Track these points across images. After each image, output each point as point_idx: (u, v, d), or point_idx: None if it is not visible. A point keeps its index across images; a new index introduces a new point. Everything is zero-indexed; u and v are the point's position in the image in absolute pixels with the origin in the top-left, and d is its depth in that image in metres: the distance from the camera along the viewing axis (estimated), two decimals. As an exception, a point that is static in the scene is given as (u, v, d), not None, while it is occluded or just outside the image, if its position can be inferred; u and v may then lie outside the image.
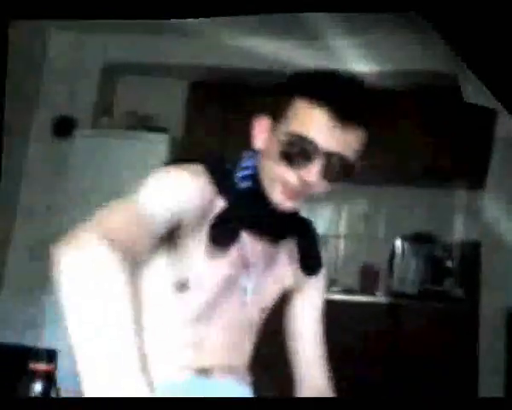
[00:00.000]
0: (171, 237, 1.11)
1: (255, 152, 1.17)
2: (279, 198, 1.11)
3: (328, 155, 1.07)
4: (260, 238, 1.19)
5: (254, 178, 1.15)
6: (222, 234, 1.13)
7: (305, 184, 1.08)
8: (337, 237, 4.10)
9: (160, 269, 1.15)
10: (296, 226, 1.24)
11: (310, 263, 1.26)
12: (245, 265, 1.19)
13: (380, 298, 3.63)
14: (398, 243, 3.83)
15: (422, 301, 3.56)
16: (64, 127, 3.90)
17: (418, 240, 3.84)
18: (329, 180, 1.10)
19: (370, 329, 3.41)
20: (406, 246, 3.82)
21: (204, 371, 1.19)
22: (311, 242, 1.28)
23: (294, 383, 1.32)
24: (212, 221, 1.12)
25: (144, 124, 3.92)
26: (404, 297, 3.60)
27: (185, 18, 1.12)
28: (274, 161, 1.11)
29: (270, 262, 1.23)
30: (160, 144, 3.72)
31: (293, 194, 1.10)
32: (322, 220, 4.06)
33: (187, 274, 1.14)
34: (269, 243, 1.21)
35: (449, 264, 3.74)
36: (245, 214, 1.15)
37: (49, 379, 0.78)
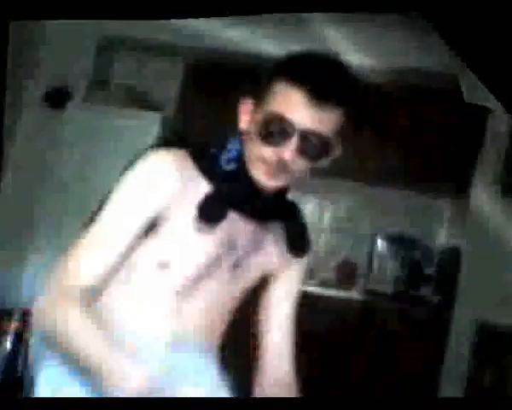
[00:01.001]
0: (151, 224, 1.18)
1: (240, 135, 1.21)
2: (261, 177, 1.15)
3: (305, 134, 1.11)
4: (247, 219, 1.22)
5: (239, 160, 1.19)
6: (209, 212, 1.16)
7: (282, 161, 1.13)
8: (320, 229, 4.12)
9: (143, 249, 1.19)
10: (283, 209, 1.27)
11: (297, 244, 1.29)
12: (231, 245, 1.22)
13: (355, 294, 3.66)
14: (380, 242, 3.86)
15: (397, 302, 3.60)
16: (57, 98, 3.87)
17: (400, 242, 3.88)
18: (308, 158, 1.14)
19: (341, 324, 3.44)
20: (387, 246, 3.86)
21: (177, 343, 1.23)
22: (299, 223, 1.31)
23: (257, 368, 1.35)
24: (200, 201, 1.16)
25: (138, 101, 3.91)
26: (379, 296, 3.66)
27: (185, 18, 1.14)
28: (254, 142, 1.15)
29: (256, 244, 1.26)
30: (152, 123, 3.73)
31: (273, 172, 1.14)
32: (307, 211, 4.06)
33: (168, 255, 1.18)
34: (256, 224, 1.24)
35: (428, 270, 3.79)
36: (231, 196, 1.19)
37: (19, 337, 0.82)
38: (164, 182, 1.15)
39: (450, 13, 1.19)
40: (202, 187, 1.18)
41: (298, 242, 1.30)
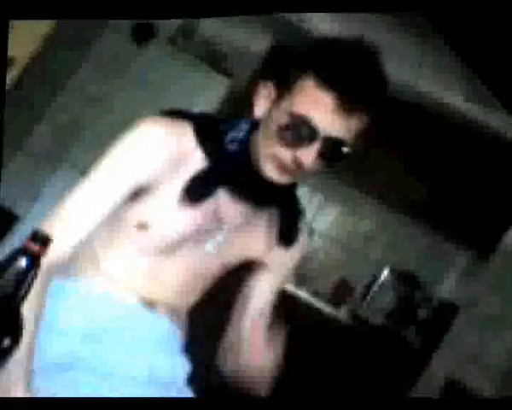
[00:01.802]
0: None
1: (252, 120, 1.18)
2: (271, 173, 1.14)
3: (328, 140, 1.09)
4: (239, 200, 1.21)
5: (243, 143, 1.18)
6: (196, 189, 1.17)
7: (299, 165, 1.11)
8: (331, 239, 4.16)
9: (126, 211, 1.21)
10: (280, 195, 1.25)
11: (286, 233, 1.28)
12: (218, 220, 1.22)
13: (342, 315, 3.71)
14: (385, 272, 3.88)
15: (380, 336, 3.61)
16: (142, 33, 3.91)
17: (405, 278, 3.90)
18: (326, 162, 1.13)
19: (317, 337, 3.48)
20: (391, 279, 3.88)
21: (148, 303, 1.25)
22: (293, 212, 1.29)
23: (227, 346, 1.35)
24: (191, 176, 1.16)
25: (214, 61, 3.91)
26: (364, 325, 3.69)
27: (185, 18, 1.14)
28: (270, 136, 1.12)
29: (245, 225, 1.26)
30: (220, 86, 3.72)
31: (286, 171, 1.13)
32: (324, 215, 4.08)
33: (147, 217, 1.19)
34: (249, 206, 1.23)
35: (421, 314, 3.79)
36: (226, 174, 1.18)
37: (36, 261, 0.85)
38: (151, 152, 1.15)
39: (450, 13, 1.17)
40: (198, 161, 1.17)
41: (287, 230, 1.28)
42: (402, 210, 3.96)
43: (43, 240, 0.85)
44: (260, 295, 1.34)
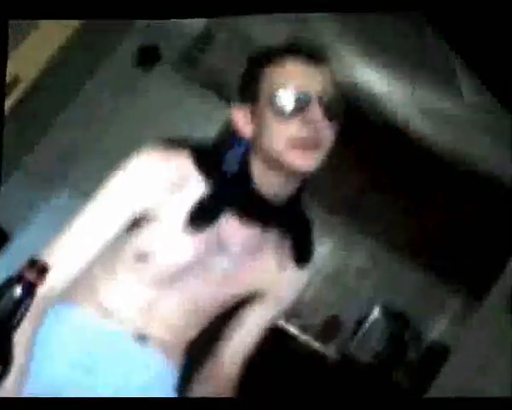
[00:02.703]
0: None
1: (244, 140, 1.19)
2: (300, 162, 1.13)
3: (318, 95, 1.13)
4: (244, 223, 1.19)
5: (242, 163, 1.18)
6: (201, 215, 1.16)
7: (314, 129, 1.12)
8: (324, 274, 4.15)
9: (121, 239, 1.20)
10: (285, 214, 1.22)
11: (301, 251, 1.25)
12: (221, 247, 1.20)
13: (330, 352, 3.69)
14: (376, 310, 3.88)
15: (368, 373, 3.60)
16: (147, 56, 3.94)
17: (395, 318, 3.90)
18: (331, 118, 1.14)
19: (302, 372, 3.47)
20: (382, 317, 3.87)
21: (143, 337, 1.23)
22: (303, 229, 1.27)
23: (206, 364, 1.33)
24: (194, 203, 1.16)
25: (217, 87, 3.93)
26: (353, 363, 3.66)
27: (185, 18, 1.15)
28: (271, 129, 1.14)
29: (252, 249, 1.23)
30: (222, 113, 3.66)
31: (307, 147, 1.12)
32: (318, 251, 4.07)
33: (147, 248, 1.18)
34: (255, 229, 1.20)
35: (411, 355, 3.79)
36: (229, 197, 1.18)
37: (32, 290, 0.85)
38: (150, 181, 1.16)
39: (450, 13, 1.19)
40: (198, 187, 1.17)
41: (302, 248, 1.25)
42: (395, 248, 3.96)
43: (40, 269, 0.85)
44: (256, 323, 1.31)
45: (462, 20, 1.24)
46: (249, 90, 1.18)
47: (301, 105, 1.12)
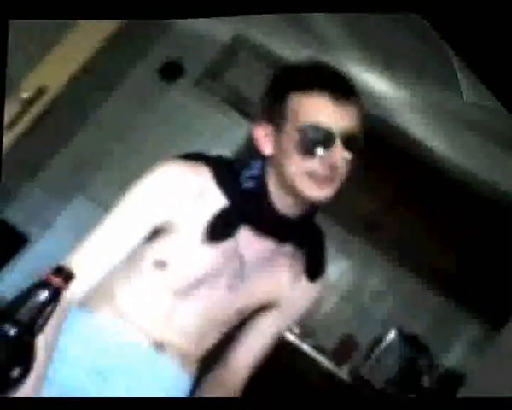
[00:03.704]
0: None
1: (263, 158, 1.23)
2: (312, 192, 1.16)
3: (343, 132, 1.15)
4: (261, 238, 1.23)
5: (259, 179, 1.21)
6: (218, 229, 1.20)
7: (333, 168, 1.15)
8: (340, 294, 4.14)
9: (145, 250, 1.24)
10: (300, 229, 1.26)
11: (314, 266, 1.30)
12: (238, 259, 1.23)
13: (343, 374, 3.68)
14: (392, 333, 3.84)
15: (380, 397, 3.57)
16: (170, 71, 3.98)
17: (411, 343, 3.85)
18: (350, 156, 1.16)
19: (316, 394, 3.44)
20: (397, 341, 3.83)
21: (159, 346, 1.26)
22: (317, 244, 1.31)
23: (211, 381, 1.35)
24: (212, 216, 1.20)
25: (239, 104, 3.96)
26: (365, 387, 3.64)
27: (185, 18, 1.16)
28: (291, 159, 1.16)
29: (267, 263, 1.27)
30: (242, 129, 3.77)
31: (324, 182, 1.15)
32: (333, 270, 4.05)
33: (165, 256, 1.22)
34: (271, 244, 1.24)
35: (425, 381, 3.74)
36: (246, 212, 1.21)
37: (57, 295, 0.88)
38: (170, 193, 1.19)
39: (450, 13, 1.20)
40: (216, 200, 1.20)
41: (314, 263, 1.30)
42: (413, 272, 3.94)
43: (66, 275, 0.87)
44: (265, 331, 1.34)
45: (462, 20, 1.25)
46: (273, 111, 1.20)
47: (326, 145, 1.14)
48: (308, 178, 1.15)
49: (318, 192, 1.16)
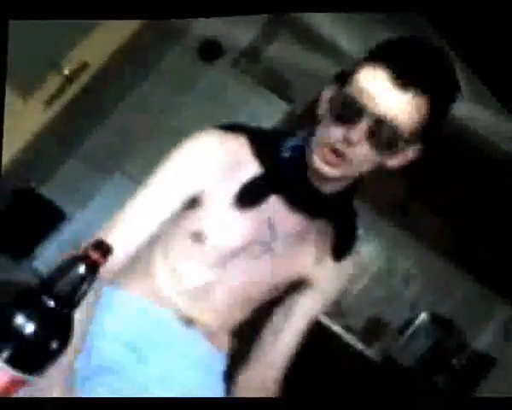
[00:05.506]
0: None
1: (306, 133, 1.18)
2: (319, 163, 1.11)
3: (379, 119, 1.05)
4: (293, 209, 1.19)
5: (300, 150, 1.16)
6: (250, 193, 1.17)
7: (348, 143, 1.06)
8: (370, 274, 4.12)
9: (180, 221, 1.21)
10: (335, 206, 1.22)
11: (340, 245, 1.26)
12: (271, 230, 1.20)
13: (373, 354, 3.67)
14: (423, 315, 3.82)
15: (410, 378, 3.56)
16: (209, 51, 3.96)
17: (442, 324, 3.83)
18: (374, 146, 1.07)
19: (343, 373, 3.45)
20: (428, 322, 3.81)
21: (189, 321, 1.25)
22: (348, 224, 1.27)
23: (247, 360, 1.32)
24: (245, 181, 1.17)
25: (277, 85, 3.91)
26: (395, 366, 3.64)
27: (185, 18, 1.14)
28: (326, 124, 1.11)
29: (298, 237, 1.23)
30: (278, 111, 3.76)
31: (335, 156, 1.09)
32: (366, 250, 4.03)
33: (202, 226, 1.19)
34: (302, 217, 1.20)
35: (454, 361, 3.72)
36: (280, 182, 1.18)
37: (95, 269, 0.86)
38: (206, 161, 1.17)
39: (450, 13, 1.17)
40: (253, 170, 1.18)
41: (341, 242, 1.25)
42: (443, 255, 3.90)
43: (105, 250, 0.86)
44: (304, 313, 1.31)
45: (463, 20, 1.21)
46: (347, 74, 1.11)
47: (351, 118, 1.06)
48: (323, 147, 1.10)
49: (325, 167, 1.10)
